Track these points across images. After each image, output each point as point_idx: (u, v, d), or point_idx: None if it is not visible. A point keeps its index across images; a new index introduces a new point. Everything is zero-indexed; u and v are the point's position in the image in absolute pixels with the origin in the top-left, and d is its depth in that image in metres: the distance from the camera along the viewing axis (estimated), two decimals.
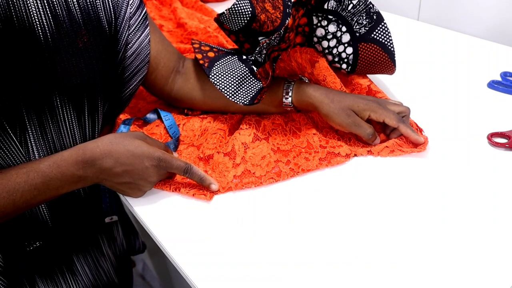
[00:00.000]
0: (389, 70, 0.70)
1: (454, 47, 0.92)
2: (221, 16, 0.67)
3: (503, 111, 0.70)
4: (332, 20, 0.66)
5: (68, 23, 0.54)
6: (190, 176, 0.57)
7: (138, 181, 0.56)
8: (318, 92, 0.63)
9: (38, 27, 0.52)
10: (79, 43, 0.55)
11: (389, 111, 0.61)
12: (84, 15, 0.56)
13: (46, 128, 0.57)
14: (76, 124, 0.59)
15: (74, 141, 0.60)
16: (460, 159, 0.61)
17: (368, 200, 0.56)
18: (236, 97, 0.64)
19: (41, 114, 0.55)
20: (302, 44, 0.70)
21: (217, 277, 0.48)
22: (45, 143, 0.57)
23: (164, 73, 0.70)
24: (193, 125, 0.69)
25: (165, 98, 0.73)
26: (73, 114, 0.58)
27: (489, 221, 0.51)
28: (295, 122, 0.68)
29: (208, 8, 1.12)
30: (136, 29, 0.63)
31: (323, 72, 0.67)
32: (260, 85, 0.65)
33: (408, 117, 0.64)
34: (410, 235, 0.51)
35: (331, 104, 0.62)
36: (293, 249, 0.50)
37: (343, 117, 0.61)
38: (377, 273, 0.47)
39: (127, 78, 0.64)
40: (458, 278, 0.45)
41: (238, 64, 0.67)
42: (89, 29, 0.56)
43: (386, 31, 0.66)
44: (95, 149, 0.54)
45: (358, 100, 0.62)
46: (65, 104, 0.57)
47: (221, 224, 0.54)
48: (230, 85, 0.65)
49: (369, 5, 0.65)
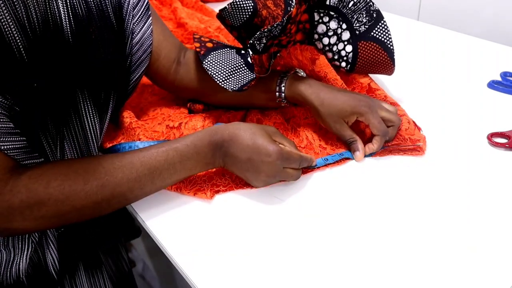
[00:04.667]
0: (388, 69, 0.70)
1: (454, 47, 0.92)
2: (223, 11, 0.67)
3: (503, 111, 0.71)
4: (333, 16, 0.66)
5: (86, 18, 0.55)
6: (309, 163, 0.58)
7: (252, 173, 0.55)
8: (309, 91, 0.63)
9: (65, 26, 0.53)
10: (93, 36, 0.56)
11: (375, 119, 0.59)
12: (97, 6, 0.56)
13: (72, 129, 0.57)
14: (98, 121, 0.60)
15: (96, 136, 0.60)
16: (460, 159, 0.61)
17: (368, 200, 0.56)
18: (226, 83, 0.64)
19: (67, 114, 0.56)
20: (302, 41, 0.70)
21: (217, 277, 0.48)
22: (72, 142, 0.58)
23: (165, 63, 0.70)
24: (196, 124, 0.69)
25: (168, 88, 0.74)
26: (94, 110, 0.58)
27: (489, 221, 0.51)
28: (296, 117, 0.68)
29: (208, 8, 1.13)
30: (140, 19, 0.64)
31: (324, 69, 0.67)
32: (253, 76, 0.64)
33: (395, 128, 0.62)
34: (410, 235, 0.51)
35: (320, 108, 0.62)
36: (293, 249, 0.50)
37: (330, 123, 0.62)
38: (377, 273, 0.47)
39: (132, 69, 0.64)
40: (458, 278, 0.45)
41: (234, 56, 0.68)
42: (97, 20, 0.57)
43: (386, 30, 0.66)
44: (224, 131, 0.55)
45: (347, 104, 0.60)
46: (86, 100, 0.57)
47: (221, 224, 0.54)
48: (222, 72, 0.65)
49: (369, 3, 0.65)
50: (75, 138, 0.58)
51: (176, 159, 0.54)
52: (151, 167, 0.53)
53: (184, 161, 0.54)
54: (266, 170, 0.54)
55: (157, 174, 0.53)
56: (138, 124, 0.68)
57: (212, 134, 0.55)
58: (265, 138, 0.54)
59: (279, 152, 0.53)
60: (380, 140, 0.60)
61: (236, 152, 0.54)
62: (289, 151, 0.55)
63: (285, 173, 0.56)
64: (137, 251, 1.37)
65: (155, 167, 0.53)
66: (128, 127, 0.67)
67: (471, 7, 0.95)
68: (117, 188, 0.52)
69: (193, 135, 0.56)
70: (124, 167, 0.52)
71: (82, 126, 0.58)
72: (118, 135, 0.69)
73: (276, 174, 0.55)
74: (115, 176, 0.51)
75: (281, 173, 0.55)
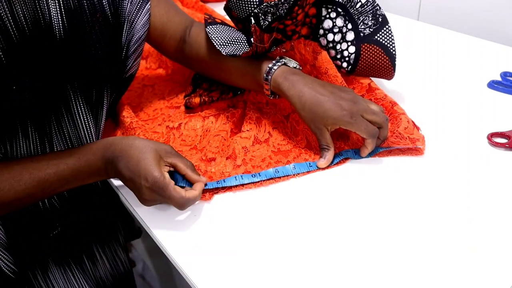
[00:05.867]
0: (388, 74, 0.70)
1: (454, 47, 0.92)
2: (229, 2, 0.68)
3: (503, 111, 0.71)
4: (340, 13, 0.67)
5: (79, 13, 0.55)
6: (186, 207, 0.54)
7: (135, 192, 0.54)
8: (291, 92, 0.60)
9: (55, 23, 0.53)
10: (87, 29, 0.56)
11: (361, 125, 0.57)
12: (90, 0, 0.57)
13: (64, 127, 0.58)
14: (91, 118, 0.60)
15: (89, 135, 0.61)
16: (460, 159, 0.61)
17: (368, 200, 0.56)
18: (223, 48, 0.64)
19: (58, 112, 0.56)
20: (307, 36, 0.70)
21: (217, 277, 0.48)
22: (64, 141, 0.59)
23: (172, 43, 0.72)
24: (195, 125, 0.69)
25: (179, 62, 0.77)
26: (87, 107, 0.59)
27: (489, 221, 0.51)
28: (295, 113, 0.68)
29: (208, 8, 1.12)
30: (139, 6, 0.64)
31: (325, 65, 0.67)
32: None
33: (385, 129, 0.60)
34: (410, 235, 0.51)
35: (302, 112, 0.60)
36: (293, 249, 0.50)
37: (310, 126, 0.61)
38: (377, 273, 0.47)
39: (128, 61, 0.65)
40: (458, 278, 0.45)
41: (238, 32, 0.69)
42: (90, 13, 0.57)
43: (390, 35, 0.66)
44: (117, 145, 0.54)
45: (329, 114, 0.58)
46: (78, 98, 0.58)
47: (221, 224, 0.54)
48: (222, 39, 0.66)
49: (376, 7, 0.66)
50: (67, 136, 0.59)
51: (67, 172, 0.54)
52: (40, 179, 0.53)
53: (76, 174, 0.54)
54: (145, 193, 0.52)
55: (47, 185, 0.53)
56: (138, 124, 0.68)
57: (106, 148, 0.54)
58: (150, 161, 0.52)
59: (155, 181, 0.51)
60: (372, 142, 0.59)
61: (122, 170, 0.53)
62: (166, 186, 0.51)
63: (165, 200, 0.53)
64: (137, 251, 1.37)
65: (45, 179, 0.53)
66: (128, 127, 0.68)
67: (471, 7, 0.95)
68: (3, 199, 0.52)
69: (86, 147, 0.56)
70: (12, 179, 0.52)
71: (75, 124, 0.58)
72: (118, 135, 0.70)
73: (156, 199, 0.53)
74: (1, 189, 0.52)
75: (161, 199, 0.53)
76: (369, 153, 0.61)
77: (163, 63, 0.91)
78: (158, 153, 0.54)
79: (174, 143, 0.68)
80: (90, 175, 0.55)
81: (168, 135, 0.69)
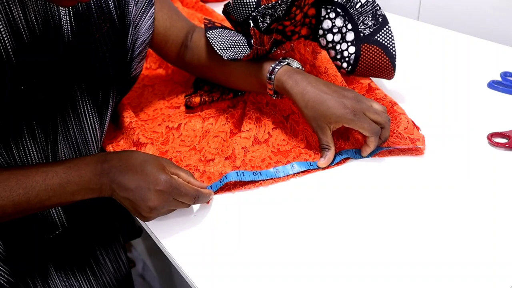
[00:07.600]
0: (388, 74, 0.70)
1: (454, 47, 0.92)
2: (227, 6, 0.68)
3: (503, 111, 0.70)
4: (340, 14, 0.67)
5: (87, 15, 0.55)
6: (200, 201, 0.54)
7: (138, 204, 0.51)
8: (295, 90, 0.61)
9: (64, 25, 0.53)
10: (94, 31, 0.56)
11: (363, 123, 0.57)
12: (97, 3, 0.57)
13: (70, 128, 0.58)
14: (97, 120, 0.60)
15: (95, 137, 0.61)
16: (460, 159, 0.61)
17: (368, 200, 0.56)
18: (224, 53, 0.65)
19: (65, 113, 0.56)
20: (307, 37, 0.70)
21: (217, 277, 0.48)
22: (69, 143, 0.58)
23: (173, 48, 0.72)
24: (195, 125, 0.69)
25: (180, 68, 0.77)
26: (93, 109, 0.59)
27: (489, 221, 0.51)
28: (295, 114, 0.68)
29: (208, 8, 1.12)
30: (143, 9, 0.64)
31: (324, 64, 0.67)
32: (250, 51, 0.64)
33: (387, 129, 0.60)
34: (410, 235, 0.51)
35: (304, 110, 0.60)
36: (293, 249, 0.50)
37: (312, 124, 0.61)
38: (378, 272, 0.47)
39: (133, 62, 0.65)
40: (458, 278, 0.45)
41: (238, 35, 0.69)
42: (100, 16, 0.57)
43: (390, 35, 0.66)
44: (114, 157, 0.53)
45: (332, 112, 0.58)
46: (85, 100, 0.57)
47: (221, 224, 0.54)
48: (223, 44, 0.66)
49: (376, 7, 0.66)
50: (73, 137, 0.58)
51: (55, 180, 0.51)
52: (27, 187, 0.50)
53: (65, 183, 0.51)
54: (153, 198, 0.50)
55: (33, 195, 0.50)
56: (138, 124, 0.68)
57: (101, 160, 0.52)
58: (155, 167, 0.51)
59: (168, 181, 0.51)
60: (374, 140, 0.59)
61: (124, 180, 0.51)
62: (180, 182, 0.52)
63: (174, 203, 0.52)
64: (137, 251, 1.37)
65: (32, 187, 0.50)
66: (128, 126, 0.68)
67: (471, 7, 0.95)
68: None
69: (79, 158, 0.54)
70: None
71: (81, 125, 0.58)
72: (118, 135, 0.70)
73: (165, 204, 0.51)
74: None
75: (170, 203, 0.52)
76: (369, 152, 0.61)
77: (163, 63, 0.91)
78: (160, 162, 0.53)
79: (173, 143, 0.68)
80: (79, 188, 0.52)
81: (168, 135, 0.69)
